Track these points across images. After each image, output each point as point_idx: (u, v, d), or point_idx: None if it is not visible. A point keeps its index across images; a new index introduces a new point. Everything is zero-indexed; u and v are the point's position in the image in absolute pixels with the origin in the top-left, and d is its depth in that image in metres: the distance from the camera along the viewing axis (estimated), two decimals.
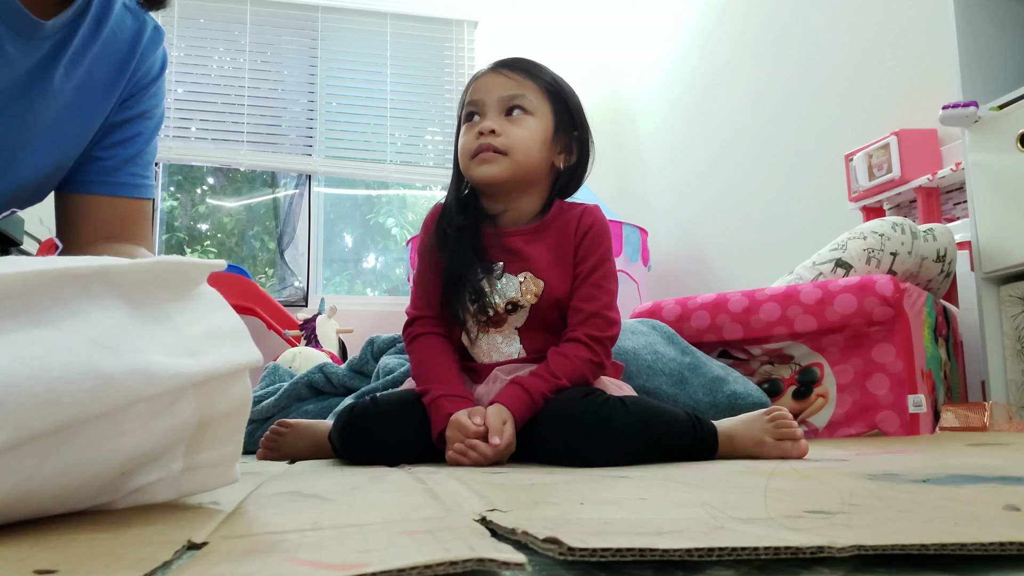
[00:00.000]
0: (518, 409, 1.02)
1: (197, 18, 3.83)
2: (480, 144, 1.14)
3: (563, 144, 1.20)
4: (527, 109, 1.16)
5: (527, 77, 1.17)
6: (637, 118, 3.98)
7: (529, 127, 1.15)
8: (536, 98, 1.17)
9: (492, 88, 1.16)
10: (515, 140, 1.14)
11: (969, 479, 0.66)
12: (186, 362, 0.50)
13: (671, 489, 0.60)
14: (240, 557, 0.34)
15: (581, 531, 0.35)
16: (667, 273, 3.54)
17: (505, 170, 1.14)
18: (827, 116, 2.64)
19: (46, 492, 0.45)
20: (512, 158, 1.14)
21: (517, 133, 1.14)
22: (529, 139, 1.15)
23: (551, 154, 1.19)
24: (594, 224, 1.18)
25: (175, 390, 0.49)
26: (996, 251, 1.74)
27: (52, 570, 0.31)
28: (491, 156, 1.13)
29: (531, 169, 1.16)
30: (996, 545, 0.34)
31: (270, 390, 1.88)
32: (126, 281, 0.50)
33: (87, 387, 0.44)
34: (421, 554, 0.31)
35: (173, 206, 3.97)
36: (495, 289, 1.16)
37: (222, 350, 0.52)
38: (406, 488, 0.60)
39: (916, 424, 1.59)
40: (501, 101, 1.16)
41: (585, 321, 1.12)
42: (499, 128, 1.14)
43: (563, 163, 1.21)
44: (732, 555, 0.31)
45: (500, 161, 1.14)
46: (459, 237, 1.17)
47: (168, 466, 0.52)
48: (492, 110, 1.16)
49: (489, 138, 1.13)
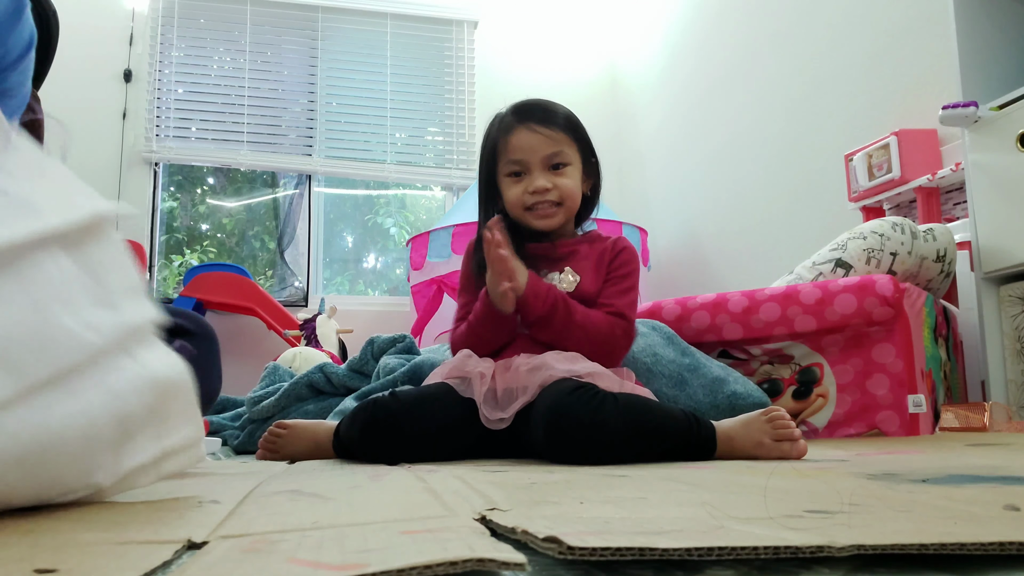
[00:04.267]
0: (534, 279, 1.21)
1: (197, 18, 3.83)
2: (536, 201, 1.32)
3: (588, 173, 1.39)
4: (567, 161, 1.33)
5: (559, 130, 1.33)
6: (637, 118, 3.98)
7: (571, 176, 1.34)
8: (570, 148, 1.34)
9: (534, 148, 1.32)
10: (566, 192, 1.32)
11: (969, 479, 0.66)
12: (111, 314, 0.54)
13: (671, 489, 0.60)
14: (240, 557, 0.34)
15: (581, 530, 0.35)
16: (667, 273, 3.54)
17: (561, 218, 1.35)
18: (827, 116, 2.64)
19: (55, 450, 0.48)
20: (566, 206, 1.34)
21: (565, 185, 1.32)
22: (574, 187, 1.34)
23: (582, 187, 1.38)
24: (627, 248, 1.38)
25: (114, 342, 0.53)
26: (996, 251, 1.74)
27: (52, 569, 0.31)
28: (550, 211, 1.33)
29: (576, 208, 1.38)
30: (996, 545, 0.34)
31: (270, 390, 1.88)
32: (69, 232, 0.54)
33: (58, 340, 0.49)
34: (421, 554, 0.31)
35: (173, 206, 3.97)
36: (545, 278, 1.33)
37: (133, 305, 0.57)
38: (406, 487, 0.60)
39: (916, 424, 1.59)
40: (544, 160, 1.32)
41: (613, 312, 1.27)
42: (550, 185, 1.31)
43: (587, 188, 1.41)
44: (732, 555, 0.31)
45: (557, 214, 1.34)
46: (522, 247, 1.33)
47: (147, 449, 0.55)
48: (537, 168, 1.32)
49: (544, 196, 1.32)
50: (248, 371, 2.57)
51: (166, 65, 3.74)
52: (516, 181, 1.33)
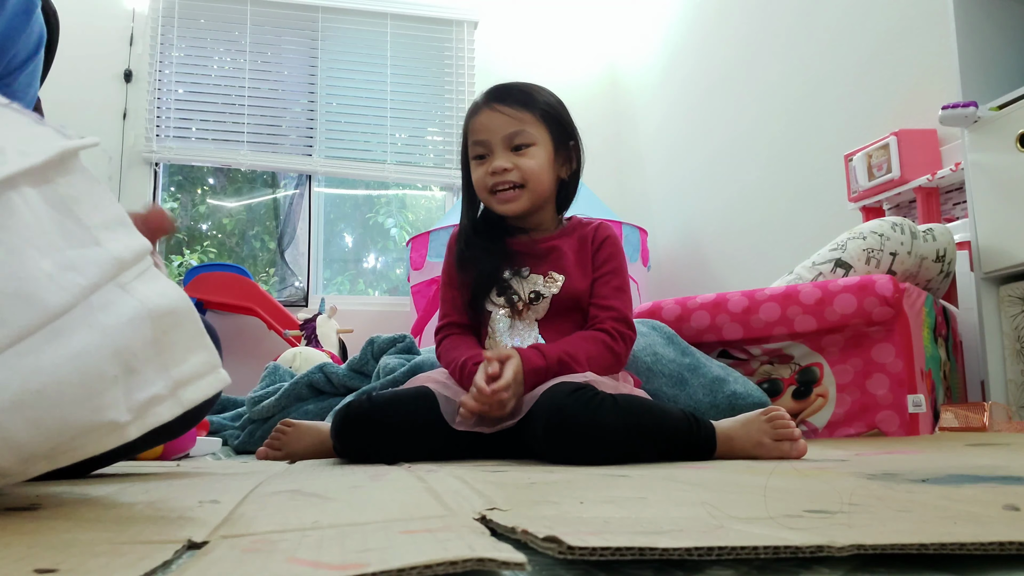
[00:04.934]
0: (528, 359, 1.11)
1: (197, 18, 3.83)
2: (496, 182, 1.25)
3: (563, 157, 1.31)
4: (530, 141, 1.25)
5: (522, 109, 1.26)
6: (637, 118, 3.98)
7: (535, 156, 1.26)
8: (535, 127, 1.26)
9: (493, 127, 1.26)
10: (527, 173, 1.25)
11: (968, 479, 0.66)
12: (95, 251, 0.53)
13: (671, 489, 0.60)
14: (240, 557, 0.34)
15: (581, 530, 0.35)
16: (667, 273, 3.54)
17: (525, 202, 1.27)
18: (827, 116, 2.64)
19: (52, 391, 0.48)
20: (529, 188, 1.26)
21: (527, 165, 1.25)
22: (538, 168, 1.26)
23: (556, 170, 1.30)
24: (609, 236, 1.33)
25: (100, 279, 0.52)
26: (995, 251, 1.74)
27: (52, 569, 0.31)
28: (511, 194, 1.26)
29: (545, 192, 1.29)
30: (995, 545, 0.34)
31: (270, 390, 1.88)
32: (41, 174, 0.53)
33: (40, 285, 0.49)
34: (421, 554, 0.31)
35: (173, 206, 3.97)
36: (522, 284, 1.28)
37: (118, 237, 0.56)
38: (406, 487, 0.60)
39: (916, 424, 1.59)
40: (505, 139, 1.25)
41: (610, 318, 1.23)
42: (511, 164, 1.24)
43: (566, 173, 1.33)
44: (732, 554, 0.31)
45: (520, 197, 1.26)
46: (488, 251, 1.30)
47: (157, 380, 0.55)
48: (499, 148, 1.25)
49: (504, 176, 1.25)
50: (248, 371, 2.57)
51: (166, 65, 3.74)
52: (480, 163, 1.28)
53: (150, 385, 0.54)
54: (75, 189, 0.55)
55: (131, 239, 0.57)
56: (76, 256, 0.52)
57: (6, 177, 0.50)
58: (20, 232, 0.50)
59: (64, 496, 0.60)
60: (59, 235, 0.52)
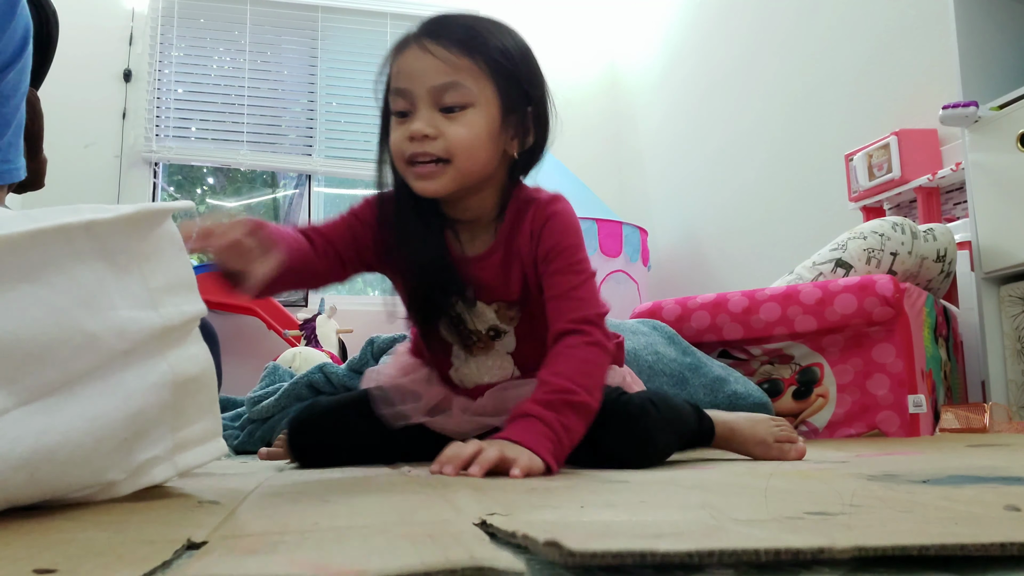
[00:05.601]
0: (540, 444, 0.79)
1: (197, 18, 3.83)
2: (413, 153, 0.92)
3: (515, 127, 0.97)
4: (465, 101, 0.92)
5: (462, 53, 0.93)
6: (637, 118, 3.98)
7: (470, 123, 0.92)
8: (475, 82, 0.93)
9: (420, 74, 0.92)
10: (455, 144, 0.92)
11: (969, 479, 0.66)
12: (149, 315, 0.53)
13: (671, 492, 0.60)
14: (240, 557, 0.34)
15: (582, 534, 0.35)
16: (667, 273, 3.54)
17: (449, 182, 0.93)
18: (827, 116, 2.64)
19: (63, 452, 0.48)
20: (455, 165, 0.93)
21: (456, 134, 0.92)
22: (471, 139, 0.92)
23: (502, 143, 0.97)
24: (555, 215, 0.99)
25: (142, 343, 0.52)
26: (996, 251, 1.74)
27: (52, 569, 0.31)
28: (430, 170, 0.92)
29: (479, 172, 0.96)
30: (997, 546, 0.34)
31: (270, 390, 1.88)
32: (107, 232, 0.52)
33: (74, 344, 0.48)
34: (420, 558, 0.31)
35: None
36: (472, 316, 1.02)
37: (177, 302, 0.55)
38: (406, 491, 0.60)
39: (916, 424, 1.59)
40: (432, 93, 0.92)
41: (562, 308, 0.94)
42: (434, 130, 0.92)
43: (517, 149, 0.98)
44: (732, 557, 0.31)
45: (441, 174, 0.93)
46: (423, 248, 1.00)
47: (160, 443, 0.55)
48: (423, 104, 0.92)
49: (423, 145, 0.92)
50: (248, 371, 2.57)
51: (166, 65, 3.74)
52: (401, 122, 0.94)
53: (152, 447, 0.55)
54: (149, 247, 0.54)
55: (189, 304, 0.56)
56: (127, 318, 0.51)
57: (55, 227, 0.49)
58: (70, 293, 0.49)
59: None
60: (119, 296, 0.51)
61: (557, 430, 0.81)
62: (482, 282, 1.01)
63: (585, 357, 0.90)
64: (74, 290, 0.49)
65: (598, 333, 0.93)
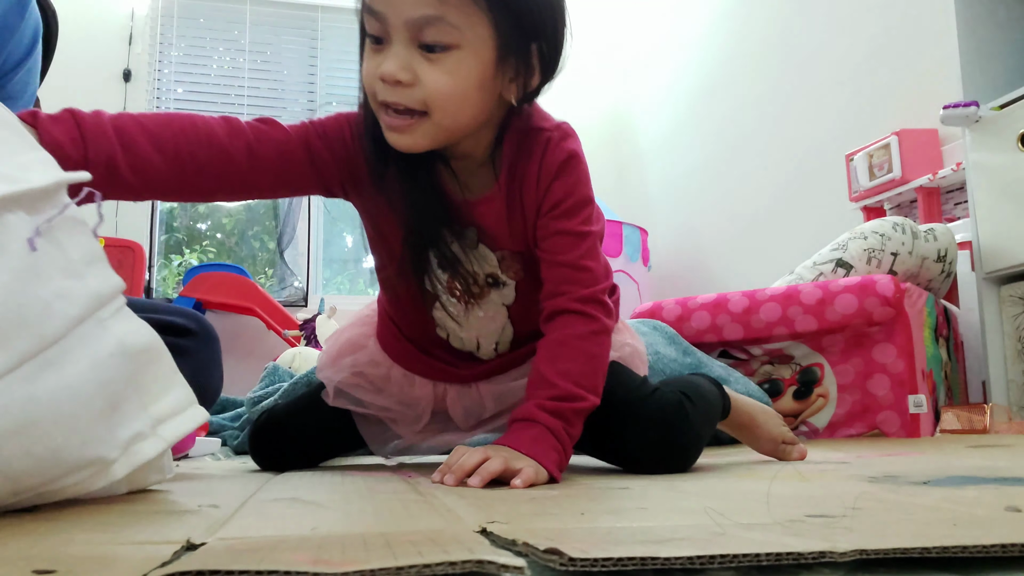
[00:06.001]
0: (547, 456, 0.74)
1: (197, 18, 3.83)
2: (383, 100, 0.77)
3: (515, 68, 0.80)
4: (450, 41, 0.75)
5: None
6: (637, 118, 3.98)
7: (454, 69, 0.76)
8: (465, 18, 0.75)
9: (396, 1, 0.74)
10: (433, 95, 0.75)
11: (970, 481, 0.65)
12: (79, 284, 0.53)
13: (672, 497, 0.60)
14: (239, 554, 0.34)
15: (582, 541, 0.35)
16: (667, 273, 3.54)
17: (424, 139, 0.79)
18: (827, 116, 2.64)
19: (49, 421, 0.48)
20: (433, 120, 0.77)
21: (435, 83, 0.75)
22: (454, 90, 0.76)
23: (497, 88, 0.81)
24: (562, 169, 0.84)
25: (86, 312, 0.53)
26: (997, 251, 1.74)
27: (51, 570, 0.31)
28: (404, 123, 0.77)
29: (464, 127, 0.81)
30: (998, 547, 0.34)
31: (270, 390, 1.88)
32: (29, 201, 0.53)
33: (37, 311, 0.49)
34: (421, 555, 0.31)
35: (173, 206, 3.97)
36: (472, 256, 0.89)
37: (96, 274, 0.56)
38: (406, 500, 0.60)
39: (916, 424, 1.59)
40: (410, 25, 0.74)
41: (565, 280, 0.84)
42: (408, 75, 0.75)
43: (517, 94, 0.82)
44: (734, 562, 0.31)
45: (416, 128, 0.77)
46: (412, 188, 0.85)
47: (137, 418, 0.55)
48: (398, 37, 0.75)
49: (396, 92, 0.76)
50: (248, 371, 2.57)
51: (166, 65, 3.74)
52: (375, 50, 0.78)
53: (132, 422, 0.55)
54: (63, 222, 0.55)
55: (108, 276, 0.57)
56: (66, 286, 0.52)
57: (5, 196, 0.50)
58: (21, 257, 0.50)
59: None
60: (51, 264, 0.52)
61: (563, 440, 0.77)
62: (485, 228, 0.88)
63: (593, 352, 0.82)
64: (21, 256, 0.50)
65: (604, 317, 0.84)
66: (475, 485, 0.68)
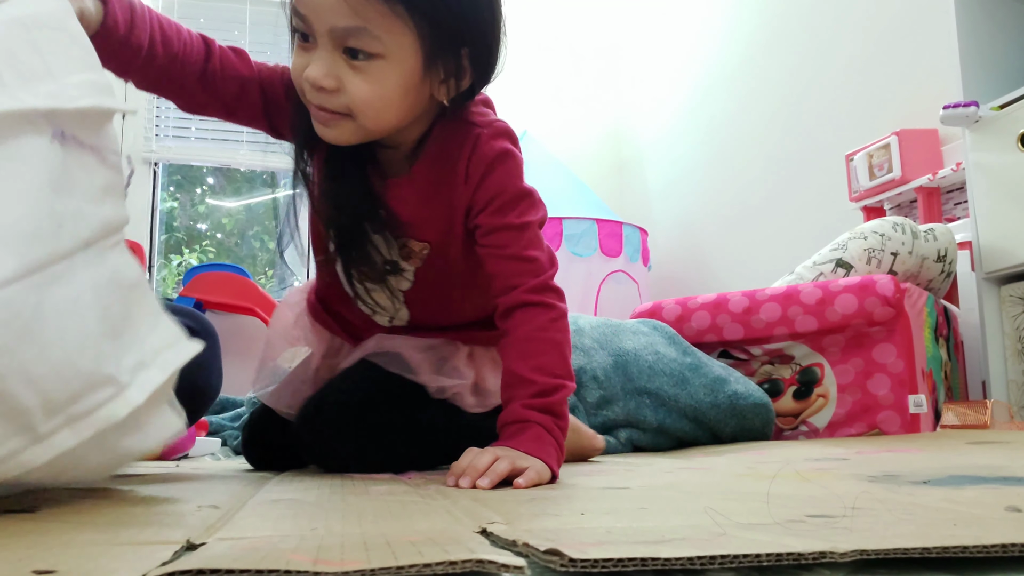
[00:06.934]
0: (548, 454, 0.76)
1: (197, 18, 3.83)
2: (309, 99, 0.80)
3: (444, 71, 0.80)
4: (373, 50, 0.75)
5: None
6: (637, 118, 3.98)
7: (378, 77, 0.76)
8: (387, 30, 0.75)
9: (320, 6, 0.74)
10: (358, 100, 0.77)
11: (970, 480, 0.66)
12: (95, 210, 0.54)
13: (672, 497, 0.60)
14: (239, 553, 0.34)
15: (582, 541, 0.35)
16: (667, 273, 3.54)
17: (352, 136, 0.81)
18: (827, 116, 2.64)
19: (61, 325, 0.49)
20: (359, 122, 0.79)
21: (359, 91, 0.76)
22: (379, 96, 0.77)
23: (426, 89, 0.81)
24: (492, 167, 0.85)
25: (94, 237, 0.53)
26: (997, 251, 1.74)
27: (51, 570, 0.31)
28: (332, 119, 0.79)
29: (391, 127, 0.82)
30: (998, 547, 0.34)
31: None
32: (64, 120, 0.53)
33: (51, 225, 0.49)
34: (421, 555, 0.32)
35: (173, 206, 3.97)
36: (372, 243, 0.91)
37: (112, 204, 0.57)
38: (405, 500, 0.60)
39: (916, 424, 1.59)
40: (334, 33, 0.75)
41: (514, 273, 0.85)
42: (333, 82, 0.76)
43: (447, 94, 0.82)
44: (734, 563, 0.32)
45: (344, 125, 0.79)
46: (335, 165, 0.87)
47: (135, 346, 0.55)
48: (323, 42, 0.76)
49: (321, 97, 0.77)
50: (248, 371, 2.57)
51: None
52: (303, 47, 0.79)
53: (133, 351, 0.55)
54: (96, 141, 0.56)
55: (120, 208, 0.58)
56: (84, 209, 0.53)
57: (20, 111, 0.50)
58: (42, 171, 0.50)
59: (62, 498, 0.60)
60: (76, 184, 0.53)
61: (557, 435, 0.79)
62: (395, 213, 0.88)
63: (557, 340, 0.83)
64: (42, 170, 0.50)
65: (558, 300, 0.85)
66: (484, 487, 0.69)
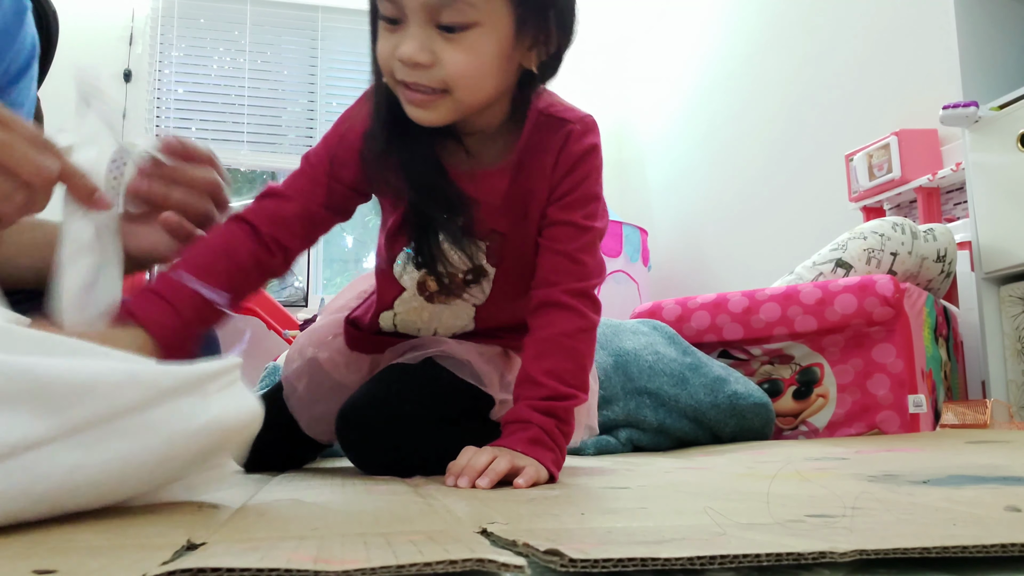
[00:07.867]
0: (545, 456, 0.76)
1: (197, 18, 3.83)
2: (401, 79, 0.78)
3: (533, 36, 0.79)
4: (468, 20, 0.74)
5: None
6: (638, 118, 3.98)
7: (474, 47, 0.75)
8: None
9: None
10: (455, 74, 0.75)
11: (970, 480, 0.66)
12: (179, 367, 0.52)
13: (672, 497, 0.60)
14: (239, 553, 0.34)
15: (582, 541, 0.35)
16: (667, 273, 3.54)
17: (448, 114, 0.79)
18: (827, 116, 2.64)
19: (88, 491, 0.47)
20: (455, 97, 0.77)
21: (456, 63, 0.75)
22: (476, 68, 0.76)
23: (516, 58, 0.80)
24: (581, 161, 0.87)
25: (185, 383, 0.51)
26: (996, 251, 1.74)
27: (51, 570, 0.31)
28: (426, 99, 0.77)
29: (487, 100, 0.81)
30: (998, 547, 0.34)
31: None
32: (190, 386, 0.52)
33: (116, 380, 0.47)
34: (421, 554, 0.32)
35: None
36: (455, 251, 0.88)
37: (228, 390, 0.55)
38: (405, 500, 0.60)
39: (916, 424, 1.59)
40: (427, 8, 0.74)
41: (559, 269, 0.84)
42: (428, 56, 0.75)
43: (536, 60, 0.82)
44: (734, 563, 0.32)
45: (439, 104, 0.77)
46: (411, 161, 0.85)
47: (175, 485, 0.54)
48: (415, 19, 0.75)
49: (416, 73, 0.76)
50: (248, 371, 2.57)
51: (166, 65, 3.74)
52: (390, 31, 0.79)
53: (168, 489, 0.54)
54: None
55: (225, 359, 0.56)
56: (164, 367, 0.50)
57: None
58: None
59: None
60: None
61: (557, 439, 0.78)
62: (481, 202, 0.86)
63: (579, 350, 0.82)
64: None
65: (592, 313, 0.84)
66: (484, 486, 0.69)
